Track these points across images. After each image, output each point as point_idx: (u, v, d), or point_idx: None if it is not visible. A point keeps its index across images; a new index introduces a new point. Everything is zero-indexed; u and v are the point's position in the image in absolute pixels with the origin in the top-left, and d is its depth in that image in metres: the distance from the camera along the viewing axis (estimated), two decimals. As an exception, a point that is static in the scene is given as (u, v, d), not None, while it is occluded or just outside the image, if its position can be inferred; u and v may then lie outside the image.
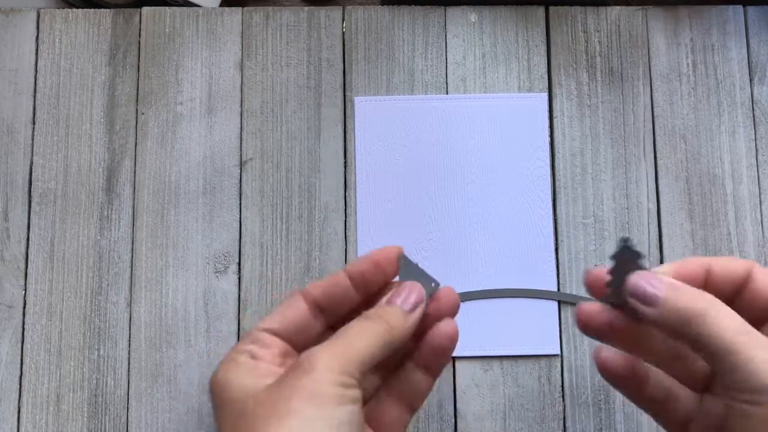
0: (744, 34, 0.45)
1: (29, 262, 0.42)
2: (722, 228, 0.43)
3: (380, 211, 0.43)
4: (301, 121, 0.44)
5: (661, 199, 0.43)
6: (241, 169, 0.44)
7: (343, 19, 0.45)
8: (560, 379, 0.41)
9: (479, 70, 0.45)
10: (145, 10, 0.45)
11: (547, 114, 0.44)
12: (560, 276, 0.42)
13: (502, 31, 0.45)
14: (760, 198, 0.43)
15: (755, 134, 0.44)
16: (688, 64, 0.45)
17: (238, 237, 0.43)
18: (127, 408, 0.41)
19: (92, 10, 0.45)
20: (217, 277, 0.42)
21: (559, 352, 0.41)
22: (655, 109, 0.44)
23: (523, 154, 0.44)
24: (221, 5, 0.46)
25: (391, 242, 0.42)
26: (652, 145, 0.44)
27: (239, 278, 0.42)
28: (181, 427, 0.41)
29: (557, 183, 0.43)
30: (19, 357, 0.41)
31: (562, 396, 0.41)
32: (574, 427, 0.41)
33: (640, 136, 0.44)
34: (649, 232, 0.43)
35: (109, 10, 0.45)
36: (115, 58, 0.45)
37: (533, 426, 0.41)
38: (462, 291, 0.42)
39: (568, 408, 0.41)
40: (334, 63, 0.45)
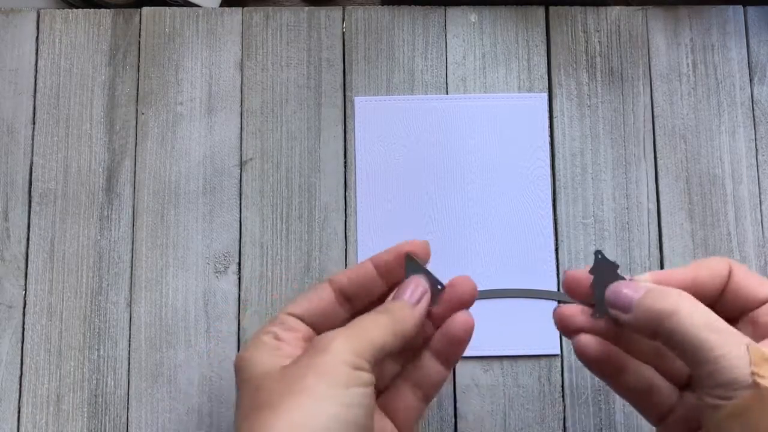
0: (744, 34, 0.45)
1: (29, 262, 0.42)
2: (722, 228, 0.43)
3: (380, 211, 0.43)
4: (301, 121, 0.44)
5: (661, 199, 0.43)
6: (241, 169, 0.44)
7: (343, 19, 0.45)
8: (560, 379, 0.41)
9: (479, 70, 0.45)
10: (145, 10, 0.45)
11: (547, 114, 0.44)
12: (560, 276, 0.42)
13: (502, 31, 0.45)
14: (760, 198, 0.43)
15: (755, 134, 0.44)
16: (688, 64, 0.45)
17: (238, 237, 0.43)
18: (127, 408, 0.41)
19: (92, 10, 0.45)
20: (217, 277, 0.42)
21: (559, 352, 0.41)
22: (655, 109, 0.44)
23: (523, 154, 0.44)
24: (221, 5, 0.46)
25: (391, 242, 0.42)
26: (652, 145, 0.44)
27: (239, 278, 0.42)
28: (181, 427, 0.41)
29: (557, 183, 0.43)
30: (19, 357, 0.41)
31: (562, 396, 0.41)
32: (574, 427, 0.41)
33: (640, 136, 0.44)
34: (649, 232, 0.43)
35: (109, 10, 0.45)
36: (115, 58, 0.45)
37: (533, 426, 0.41)
38: (462, 291, 0.42)
39: (568, 408, 0.41)
40: (334, 63, 0.45)
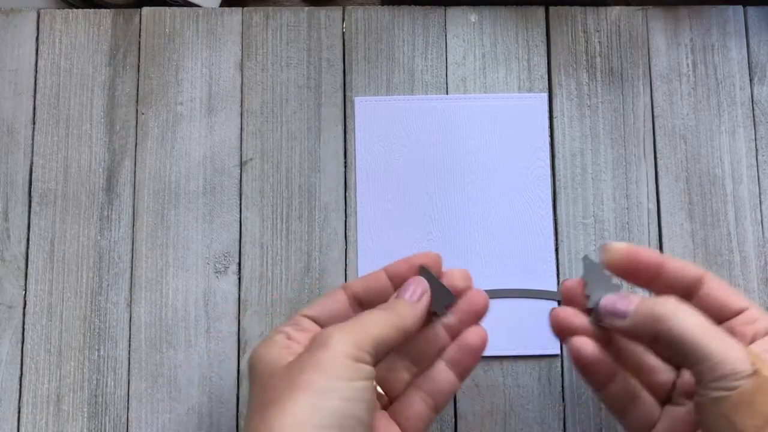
0: (744, 34, 0.45)
1: (29, 262, 0.42)
2: (722, 228, 0.43)
3: (380, 211, 0.43)
4: (301, 121, 0.44)
5: (661, 199, 0.43)
6: (241, 169, 0.44)
7: (343, 19, 0.45)
8: (560, 379, 0.41)
9: (479, 70, 0.45)
10: (145, 10, 0.45)
11: (547, 114, 0.44)
12: (560, 276, 0.42)
13: (502, 31, 0.45)
14: (760, 198, 0.43)
15: (755, 134, 0.44)
16: (688, 64, 0.45)
17: (238, 237, 0.43)
18: (127, 408, 0.41)
19: (92, 10, 0.45)
20: (217, 277, 0.42)
21: (559, 352, 0.41)
22: (655, 109, 0.44)
23: (523, 154, 0.44)
24: (221, 5, 0.46)
25: (391, 242, 0.42)
26: (652, 145, 0.44)
27: (239, 278, 0.42)
28: (181, 427, 0.41)
29: (557, 183, 0.43)
30: (19, 357, 0.41)
31: (562, 396, 0.41)
32: (574, 428, 0.41)
33: (640, 136, 0.44)
34: (649, 232, 0.43)
35: (109, 10, 0.45)
36: (115, 58, 0.45)
37: (533, 426, 0.41)
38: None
39: (568, 408, 0.41)
40: (334, 63, 0.45)
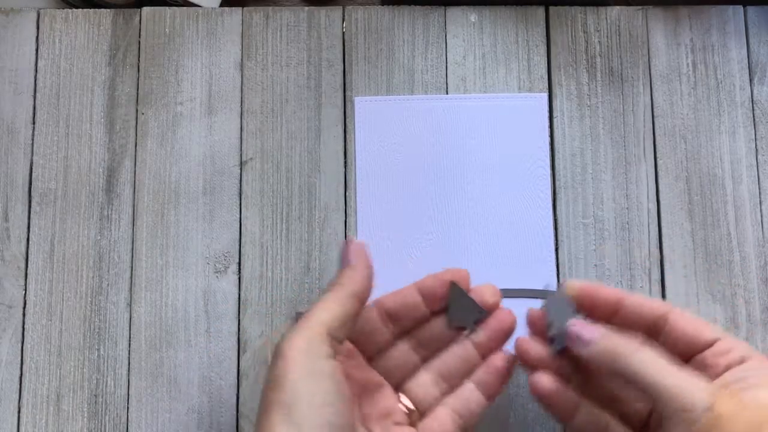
0: (744, 34, 0.45)
1: (29, 262, 0.42)
2: (722, 228, 0.43)
3: (380, 211, 0.43)
4: (301, 121, 0.44)
5: (661, 199, 0.43)
6: (241, 169, 0.44)
7: (343, 19, 0.45)
8: (560, 379, 0.41)
9: (479, 70, 0.45)
10: (145, 10, 0.45)
11: (547, 114, 0.44)
12: (560, 276, 0.42)
13: (502, 31, 0.45)
14: (760, 198, 0.43)
15: (755, 134, 0.44)
16: (688, 64, 0.45)
17: (238, 237, 0.43)
18: (127, 408, 0.41)
19: (92, 10, 0.45)
20: (217, 277, 0.42)
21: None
22: (655, 109, 0.44)
23: (523, 154, 0.44)
24: (221, 5, 0.46)
25: (391, 242, 0.42)
26: (652, 145, 0.44)
27: (239, 278, 0.42)
28: (181, 427, 0.41)
29: (557, 183, 0.43)
30: (19, 357, 0.41)
31: (562, 396, 0.41)
32: (574, 427, 0.41)
33: (640, 136, 0.44)
34: (649, 232, 0.43)
35: (109, 10, 0.45)
36: (115, 58, 0.45)
37: (533, 426, 0.41)
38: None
39: (568, 408, 0.41)
40: (334, 63, 0.45)
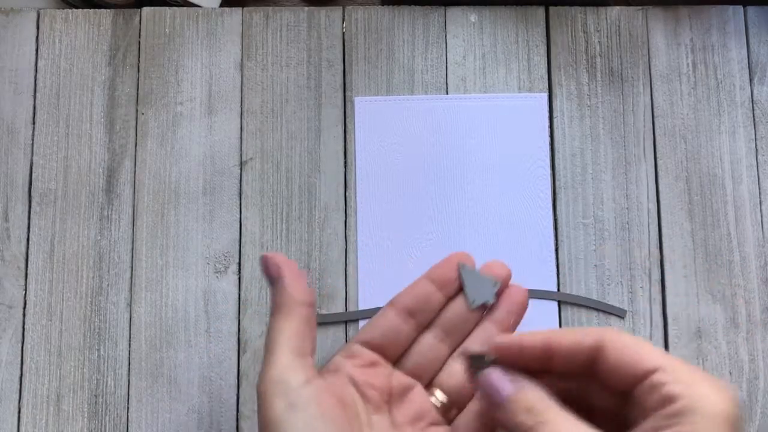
0: (744, 34, 0.45)
1: (29, 262, 0.42)
2: (722, 228, 0.43)
3: (380, 211, 0.43)
4: (301, 121, 0.44)
5: (661, 199, 0.43)
6: (241, 169, 0.44)
7: (343, 19, 0.45)
8: (560, 379, 0.41)
9: (479, 70, 0.45)
10: (145, 10, 0.45)
11: (547, 114, 0.44)
12: (560, 276, 0.42)
13: (502, 31, 0.45)
14: (760, 198, 0.43)
15: (755, 134, 0.44)
16: (688, 64, 0.45)
17: (238, 237, 0.43)
18: (127, 408, 0.41)
19: (92, 10, 0.45)
20: (217, 277, 0.42)
21: (559, 352, 0.41)
22: (655, 109, 0.44)
23: (523, 154, 0.44)
24: (221, 5, 0.46)
25: (391, 242, 0.42)
26: (652, 145, 0.44)
27: (239, 278, 0.42)
28: (181, 427, 0.41)
29: (557, 183, 0.43)
30: (19, 357, 0.41)
31: (562, 396, 0.41)
32: (574, 427, 0.41)
33: (640, 136, 0.44)
34: (649, 232, 0.43)
35: (109, 10, 0.45)
36: (115, 58, 0.45)
37: (533, 426, 0.41)
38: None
39: (568, 408, 0.41)
40: (334, 63, 0.45)
